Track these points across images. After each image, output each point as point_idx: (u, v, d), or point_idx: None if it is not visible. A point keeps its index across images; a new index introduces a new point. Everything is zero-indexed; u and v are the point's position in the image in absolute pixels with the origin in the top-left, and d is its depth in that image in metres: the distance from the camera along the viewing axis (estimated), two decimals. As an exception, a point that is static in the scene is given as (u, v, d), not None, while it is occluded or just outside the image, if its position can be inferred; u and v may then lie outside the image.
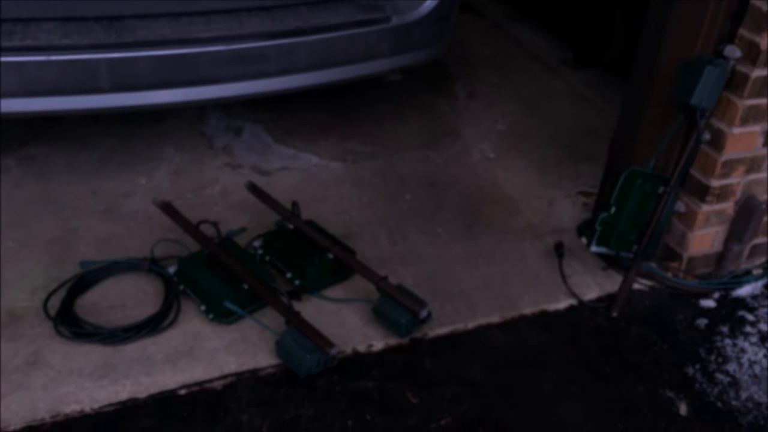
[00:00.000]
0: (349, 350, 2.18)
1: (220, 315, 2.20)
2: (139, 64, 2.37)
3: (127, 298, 2.28)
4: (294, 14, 2.60)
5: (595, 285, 2.50)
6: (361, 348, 2.19)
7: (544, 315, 2.38)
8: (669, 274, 2.51)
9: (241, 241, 2.50)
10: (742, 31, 2.15)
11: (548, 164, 3.13)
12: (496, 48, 4.17)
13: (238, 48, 2.47)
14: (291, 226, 2.49)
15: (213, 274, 2.27)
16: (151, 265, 2.35)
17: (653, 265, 2.51)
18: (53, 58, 2.28)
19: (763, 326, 2.38)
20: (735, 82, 2.19)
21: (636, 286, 2.47)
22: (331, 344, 2.06)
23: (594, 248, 2.46)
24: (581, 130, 3.38)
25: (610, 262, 2.55)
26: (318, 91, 2.96)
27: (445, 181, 2.98)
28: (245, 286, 2.23)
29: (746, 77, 2.16)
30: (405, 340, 2.22)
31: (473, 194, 2.91)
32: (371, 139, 3.22)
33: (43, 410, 1.92)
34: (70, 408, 1.93)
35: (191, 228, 2.40)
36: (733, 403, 2.12)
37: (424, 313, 2.21)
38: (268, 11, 2.58)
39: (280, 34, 2.54)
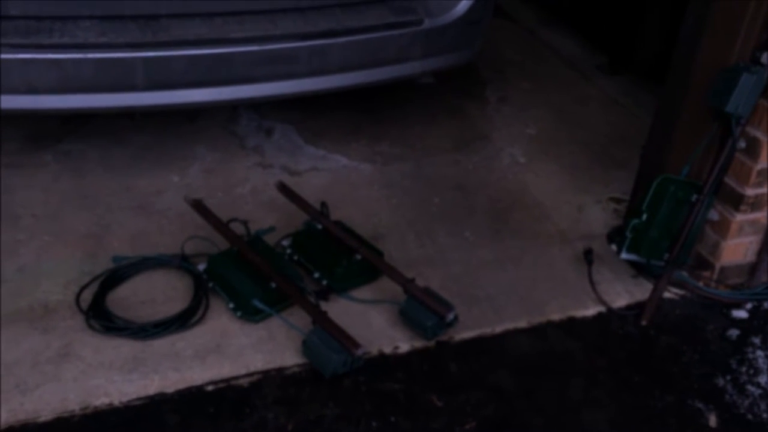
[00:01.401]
0: (375, 351, 2.18)
1: (248, 313, 2.22)
2: (174, 63, 2.40)
3: (157, 293, 2.31)
4: (327, 16, 2.61)
5: (624, 292, 2.47)
6: (387, 349, 2.20)
7: (572, 321, 2.36)
8: (701, 284, 2.47)
9: (270, 240, 2.51)
10: (781, 38, 2.12)
11: (579, 170, 3.10)
12: (528, 53, 4.15)
13: (271, 48, 2.49)
14: (320, 227, 2.50)
15: (242, 272, 2.29)
16: (182, 262, 2.38)
17: (684, 273, 2.48)
18: (90, 55, 2.32)
19: (796, 339, 2.34)
20: (772, 90, 2.16)
21: (666, 294, 2.44)
22: (357, 345, 2.07)
23: (624, 255, 2.44)
24: (613, 136, 3.35)
25: (640, 269, 2.52)
26: (349, 92, 2.97)
27: (475, 185, 2.97)
28: (273, 285, 2.24)
29: (784, 85, 2.13)
30: (431, 343, 2.22)
31: (502, 199, 2.90)
32: (401, 141, 3.23)
33: (73, 402, 1.95)
34: (100, 400, 1.96)
35: (221, 226, 2.42)
36: (764, 416, 2.09)
37: (450, 316, 2.21)
38: (301, 12, 2.59)
39: (313, 36, 2.55)
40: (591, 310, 2.40)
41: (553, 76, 3.91)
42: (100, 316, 2.18)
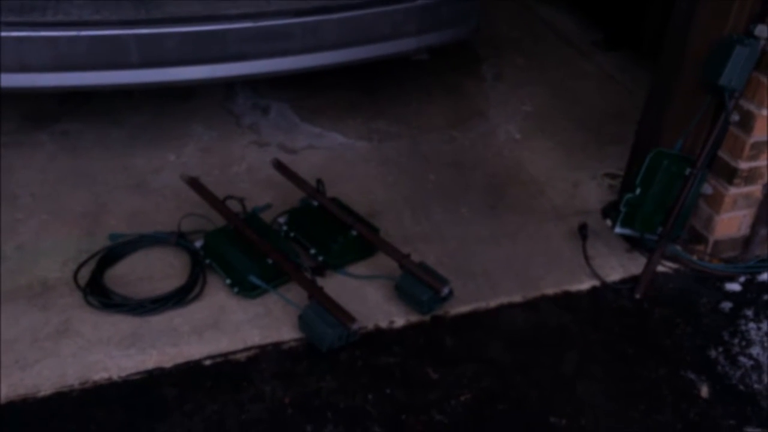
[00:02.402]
0: (371, 326, 2.20)
1: (245, 289, 2.24)
2: (168, 40, 2.40)
3: (154, 270, 2.33)
4: (321, -8, 2.61)
5: (619, 266, 2.48)
6: (383, 324, 2.21)
7: (567, 295, 2.38)
8: (694, 257, 2.49)
9: (267, 217, 2.53)
10: (774, 11, 2.12)
11: (574, 146, 3.11)
12: (525, 29, 4.14)
13: (264, 25, 2.49)
14: (315, 203, 2.51)
15: (238, 249, 2.30)
16: (178, 239, 2.40)
17: (678, 247, 2.49)
18: (83, 33, 2.32)
19: (789, 311, 2.36)
20: (765, 63, 2.16)
21: (660, 268, 2.46)
22: (352, 319, 2.09)
23: (618, 230, 2.45)
24: (609, 113, 3.35)
25: (634, 243, 2.53)
26: (345, 70, 2.97)
27: (470, 162, 2.98)
28: (270, 261, 2.26)
29: (777, 57, 2.13)
30: (426, 318, 2.24)
31: (498, 175, 2.91)
32: (397, 118, 3.23)
33: (72, 377, 1.97)
34: (99, 375, 1.99)
35: (217, 203, 2.44)
36: (756, 386, 2.11)
37: (445, 291, 2.22)
38: (295, -12, 2.59)
39: (307, 12, 2.55)
40: (585, 285, 2.42)
41: (549, 52, 3.90)
42: (98, 293, 2.20)
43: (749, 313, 2.35)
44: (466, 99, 3.42)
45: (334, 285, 2.29)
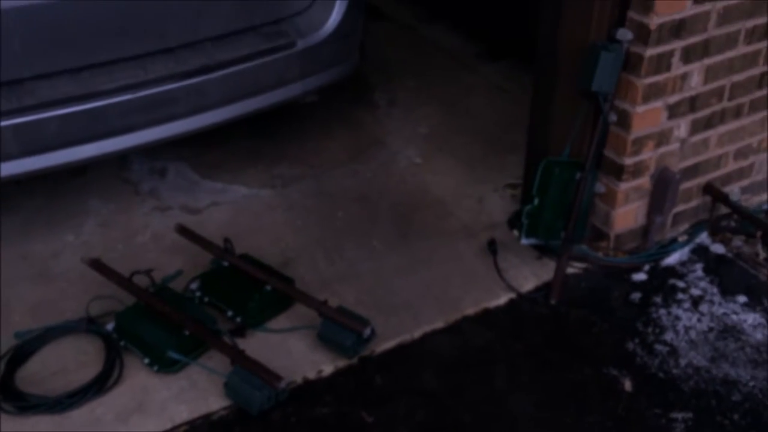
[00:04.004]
0: (299, 379, 2.19)
1: (165, 365, 2.19)
2: (46, 125, 2.33)
3: (67, 362, 2.24)
4: (198, 52, 2.58)
5: (531, 275, 2.55)
6: (311, 375, 2.21)
7: (487, 312, 2.43)
8: (600, 254, 2.58)
9: (179, 284, 2.48)
10: (631, 14, 2.23)
11: (474, 161, 3.17)
12: (411, 50, 4.19)
13: (145, 94, 2.45)
14: (226, 264, 2.49)
15: (152, 325, 2.25)
16: (88, 325, 2.32)
17: (584, 247, 2.58)
18: (-45, 133, 2.23)
19: (694, 291, 2.47)
20: (631, 63, 2.27)
21: (570, 270, 2.54)
22: (279, 378, 2.07)
23: (524, 241, 2.52)
24: (502, 123, 3.43)
25: (543, 250, 2.61)
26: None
27: (376, 193, 3.01)
28: (186, 332, 2.22)
29: (641, 57, 2.24)
30: (354, 361, 2.24)
31: (404, 202, 2.95)
32: (298, 160, 3.23)
33: (-5, 493, 1.89)
34: (23, 485, 1.91)
35: (124, 281, 2.38)
36: (674, 371, 2.20)
37: (367, 332, 2.23)
38: (171, 52, 2.55)
39: (187, 74, 2.52)
40: (503, 299, 2.47)
41: (437, 70, 3.95)
42: (12, 397, 2.11)
43: (658, 299, 2.45)
44: (364, 129, 3.45)
45: (256, 344, 2.27)
